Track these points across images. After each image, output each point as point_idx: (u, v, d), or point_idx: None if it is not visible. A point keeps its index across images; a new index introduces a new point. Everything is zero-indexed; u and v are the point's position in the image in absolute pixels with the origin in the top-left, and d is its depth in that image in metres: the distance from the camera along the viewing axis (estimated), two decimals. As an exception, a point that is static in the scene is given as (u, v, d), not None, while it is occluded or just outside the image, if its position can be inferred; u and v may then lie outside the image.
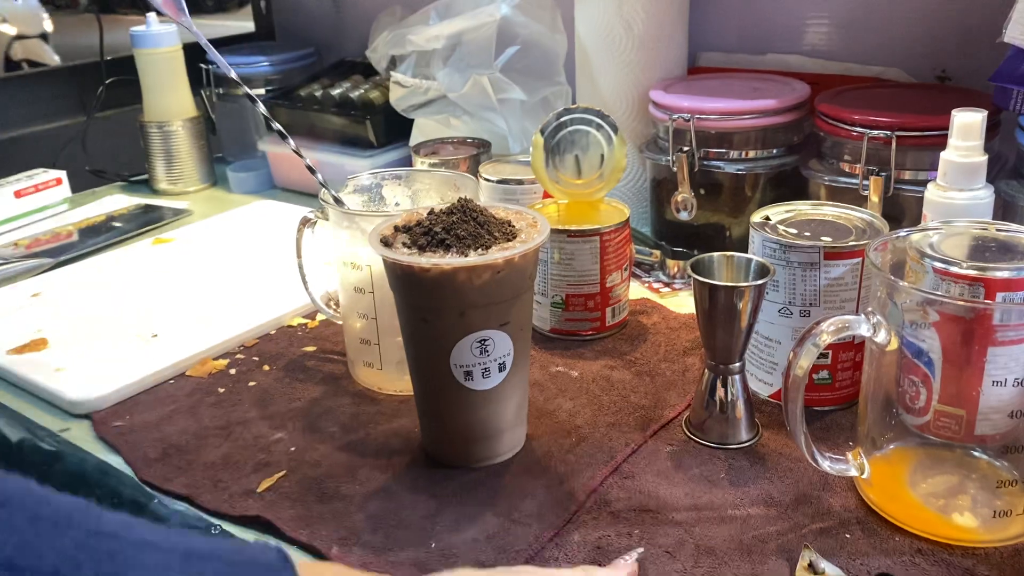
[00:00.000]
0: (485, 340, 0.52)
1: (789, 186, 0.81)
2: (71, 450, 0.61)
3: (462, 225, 0.52)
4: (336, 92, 1.09)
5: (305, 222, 0.68)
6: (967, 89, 0.79)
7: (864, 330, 0.47)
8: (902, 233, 0.52)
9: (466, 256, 0.50)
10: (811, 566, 0.46)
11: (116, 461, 0.59)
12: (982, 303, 0.48)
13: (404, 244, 0.52)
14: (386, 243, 0.53)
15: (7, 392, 0.68)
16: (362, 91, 1.08)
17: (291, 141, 0.64)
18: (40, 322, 0.77)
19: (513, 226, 0.54)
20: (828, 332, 0.47)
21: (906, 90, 0.81)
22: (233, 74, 0.66)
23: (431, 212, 0.54)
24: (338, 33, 1.30)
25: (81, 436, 0.62)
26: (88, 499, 0.36)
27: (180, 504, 0.54)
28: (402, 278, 0.52)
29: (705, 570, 0.46)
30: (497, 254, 0.50)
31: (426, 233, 0.52)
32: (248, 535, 0.51)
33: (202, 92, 1.21)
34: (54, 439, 0.62)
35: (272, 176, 1.15)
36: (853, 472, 0.50)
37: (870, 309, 0.48)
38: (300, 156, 0.65)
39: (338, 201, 0.63)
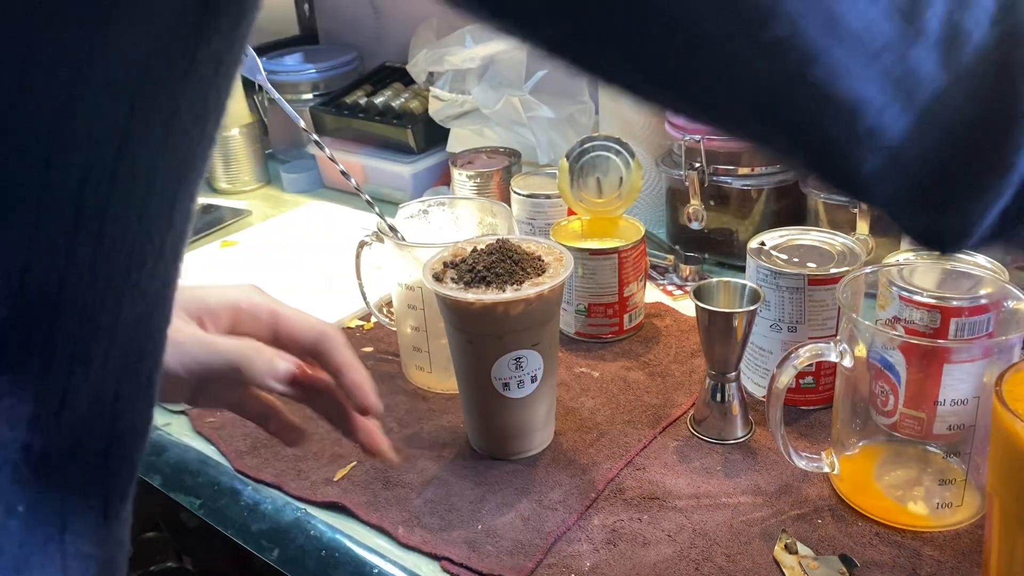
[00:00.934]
0: (520, 357, 0.63)
1: (791, 197, 0.90)
2: (173, 442, 0.73)
3: (500, 264, 0.62)
4: (379, 100, 1.19)
5: (362, 245, 0.79)
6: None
7: (833, 356, 0.57)
8: (868, 270, 0.62)
9: (504, 291, 0.61)
10: (787, 547, 0.57)
11: (212, 452, 0.71)
12: (916, 339, 0.58)
13: (452, 279, 0.63)
14: (437, 278, 0.63)
15: (113, 390, 0.80)
16: (403, 100, 1.18)
17: (353, 180, 0.74)
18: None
19: (543, 261, 0.64)
20: (804, 356, 0.57)
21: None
22: (291, 112, 0.75)
23: (474, 250, 0.64)
24: (378, 37, 1.39)
25: (180, 430, 0.74)
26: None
27: (270, 491, 0.66)
28: (451, 308, 0.63)
29: (699, 551, 0.57)
30: (530, 290, 0.61)
31: (470, 271, 0.62)
32: (329, 518, 0.63)
33: (255, 97, 1.32)
34: (158, 432, 0.74)
35: (321, 176, 1.26)
36: (825, 469, 0.61)
37: (838, 337, 0.58)
38: (358, 190, 0.76)
39: (394, 230, 0.74)
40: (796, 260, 0.68)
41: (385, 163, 1.15)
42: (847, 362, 0.58)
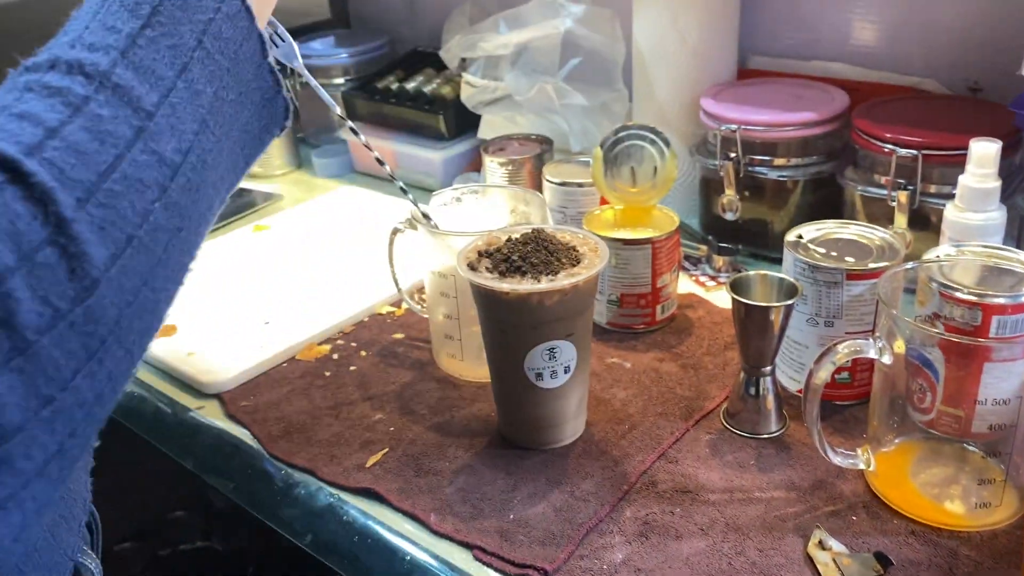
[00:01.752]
0: (554, 348, 0.63)
1: (828, 189, 0.89)
2: (206, 426, 0.74)
3: (535, 254, 0.62)
4: (411, 86, 1.19)
5: (395, 232, 0.79)
6: (995, 104, 0.85)
7: (872, 353, 0.57)
8: (910, 266, 0.61)
9: (539, 282, 0.60)
10: (820, 543, 0.56)
11: (244, 435, 0.72)
12: (956, 336, 0.57)
13: (487, 268, 0.63)
14: (472, 267, 0.63)
15: (148, 373, 0.81)
16: (435, 86, 1.17)
17: (387, 167, 0.74)
18: (167, 308, 0.90)
19: (578, 251, 0.64)
20: (843, 353, 0.57)
21: (938, 103, 0.87)
22: (328, 100, 0.75)
23: (509, 240, 0.64)
24: (410, 22, 1.39)
25: (214, 413, 0.75)
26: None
27: (303, 475, 0.67)
28: (486, 297, 0.62)
29: (731, 545, 0.57)
30: (565, 281, 0.60)
31: (505, 260, 0.62)
32: (362, 504, 0.63)
33: (286, 81, 1.32)
34: (191, 415, 0.75)
35: (353, 161, 1.26)
36: (861, 465, 0.60)
37: (877, 335, 0.57)
38: (392, 177, 0.76)
39: (427, 217, 0.74)
40: (834, 254, 0.67)
41: (416, 149, 1.15)
42: (886, 359, 0.57)
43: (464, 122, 1.14)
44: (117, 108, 0.36)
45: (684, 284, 0.89)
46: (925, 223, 0.81)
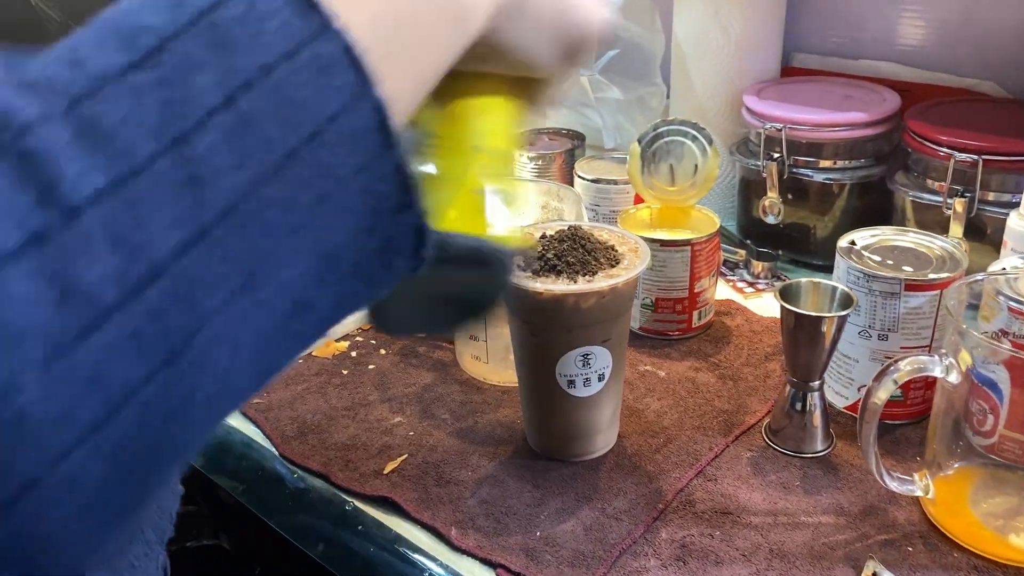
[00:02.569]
0: (588, 354, 0.59)
1: (876, 194, 0.85)
2: (217, 422, 0.70)
3: (572, 252, 0.58)
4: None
5: (422, 225, 0.75)
6: (1059, 109, 0.80)
7: (938, 371, 0.52)
8: (979, 277, 0.56)
9: (575, 282, 0.56)
10: None
11: (256, 434, 0.68)
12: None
13: (519, 267, 0.58)
14: (504, 265, 0.59)
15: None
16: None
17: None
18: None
19: (617, 251, 0.60)
20: (905, 371, 0.52)
21: (997, 106, 0.83)
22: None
23: (543, 237, 0.60)
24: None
25: (225, 410, 0.71)
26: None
27: (316, 480, 0.63)
28: (517, 298, 0.58)
29: (776, 573, 0.52)
30: (603, 282, 0.56)
31: (539, 258, 0.58)
32: (377, 513, 0.59)
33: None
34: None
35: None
36: (919, 492, 0.56)
37: (944, 351, 0.53)
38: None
39: (455, 212, 0.69)
40: (890, 262, 0.63)
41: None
42: (952, 378, 0.53)
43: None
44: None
45: (721, 289, 0.85)
46: (980, 233, 0.76)
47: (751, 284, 0.86)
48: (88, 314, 0.20)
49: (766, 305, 0.82)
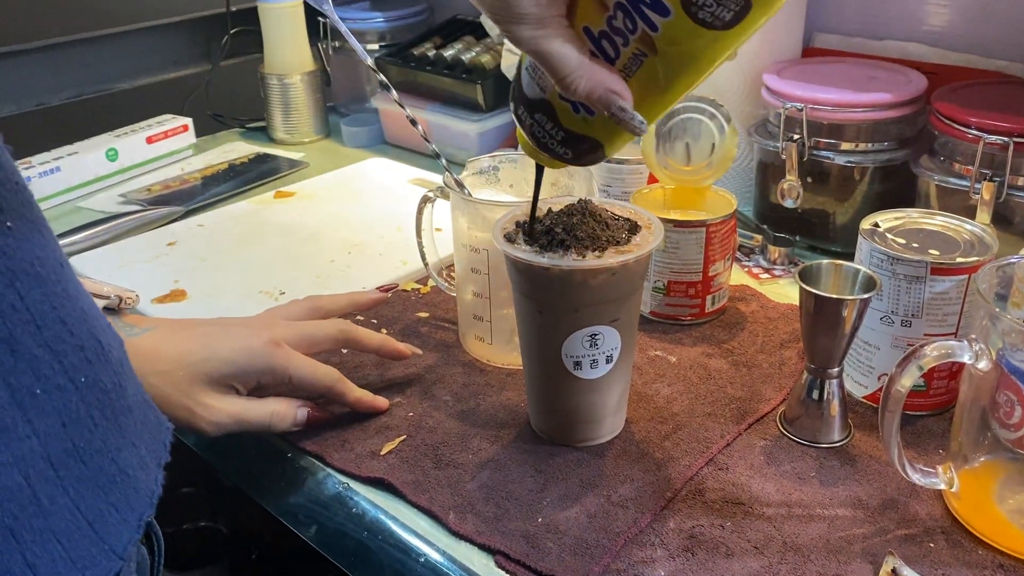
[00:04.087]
0: (596, 334, 0.56)
1: (899, 178, 0.82)
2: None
3: (581, 227, 0.55)
4: (448, 54, 1.12)
5: (425, 201, 0.72)
6: (1094, 92, 0.77)
7: (967, 357, 0.49)
8: (1013, 259, 0.53)
9: (584, 258, 0.54)
10: (894, 572, 0.49)
11: (251, 413, 0.66)
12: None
13: (525, 241, 0.56)
14: (509, 239, 0.56)
15: (152, 339, 0.75)
16: (473, 54, 1.10)
17: (420, 127, 0.67)
18: (177, 272, 0.84)
19: (628, 228, 0.57)
20: (932, 356, 0.49)
21: (1029, 89, 0.79)
22: (356, 44, 0.68)
23: (552, 211, 0.57)
24: (450, -12, 1.32)
25: (219, 387, 0.69)
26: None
27: (311, 460, 0.60)
28: (522, 274, 0.56)
29: (790, 567, 0.50)
30: (613, 258, 0.53)
31: (547, 232, 0.55)
32: (373, 495, 0.57)
33: (319, 44, 1.26)
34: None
35: (383, 131, 1.20)
36: (942, 486, 0.53)
37: (973, 336, 0.50)
38: (425, 139, 0.69)
39: (461, 186, 0.67)
40: (916, 245, 0.60)
41: (451, 120, 1.09)
42: (983, 364, 0.50)
43: (503, 94, 1.07)
44: None
45: (736, 275, 0.82)
46: (1007, 221, 0.73)
47: (767, 270, 0.83)
48: None
49: (783, 291, 0.79)
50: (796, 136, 0.81)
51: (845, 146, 0.81)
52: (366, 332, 0.65)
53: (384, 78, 0.66)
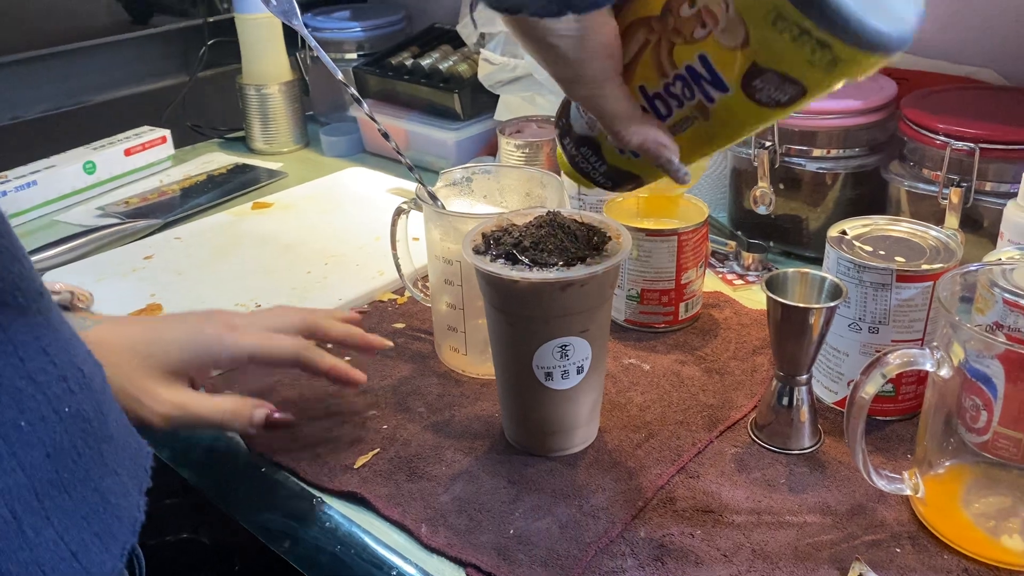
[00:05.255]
0: (566, 345, 0.56)
1: (871, 184, 0.82)
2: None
3: (550, 239, 0.56)
4: (426, 63, 1.12)
5: (399, 213, 0.72)
6: (1059, 97, 0.78)
7: (929, 365, 0.50)
8: (974, 267, 0.54)
9: (553, 270, 0.54)
10: (860, 578, 0.50)
11: (226, 427, 0.66)
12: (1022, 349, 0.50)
13: (495, 254, 0.56)
14: (478, 252, 0.57)
15: (128, 354, 0.75)
16: (451, 63, 1.11)
17: (393, 141, 0.68)
18: (154, 286, 0.84)
19: (597, 238, 0.57)
20: (895, 364, 0.50)
21: (996, 94, 0.80)
22: (327, 60, 0.68)
23: (521, 223, 0.58)
24: (428, -3, 1.32)
25: (195, 401, 0.69)
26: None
27: (284, 474, 0.60)
28: (492, 286, 0.56)
29: (758, 574, 0.50)
30: (581, 270, 0.54)
31: (516, 245, 0.56)
32: (346, 509, 0.57)
33: (297, 54, 1.26)
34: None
35: (363, 141, 1.20)
36: (908, 491, 0.53)
37: (935, 344, 0.51)
38: (398, 152, 0.69)
39: (433, 198, 0.67)
40: (882, 252, 0.61)
41: (429, 129, 1.09)
42: (944, 372, 0.50)
43: (480, 102, 1.08)
44: None
45: (710, 281, 0.83)
46: (977, 224, 0.74)
47: (741, 276, 0.84)
48: None
49: (756, 297, 0.80)
50: (768, 143, 0.82)
51: (816, 152, 0.82)
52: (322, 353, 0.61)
53: (355, 92, 0.67)
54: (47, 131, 1.19)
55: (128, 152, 1.12)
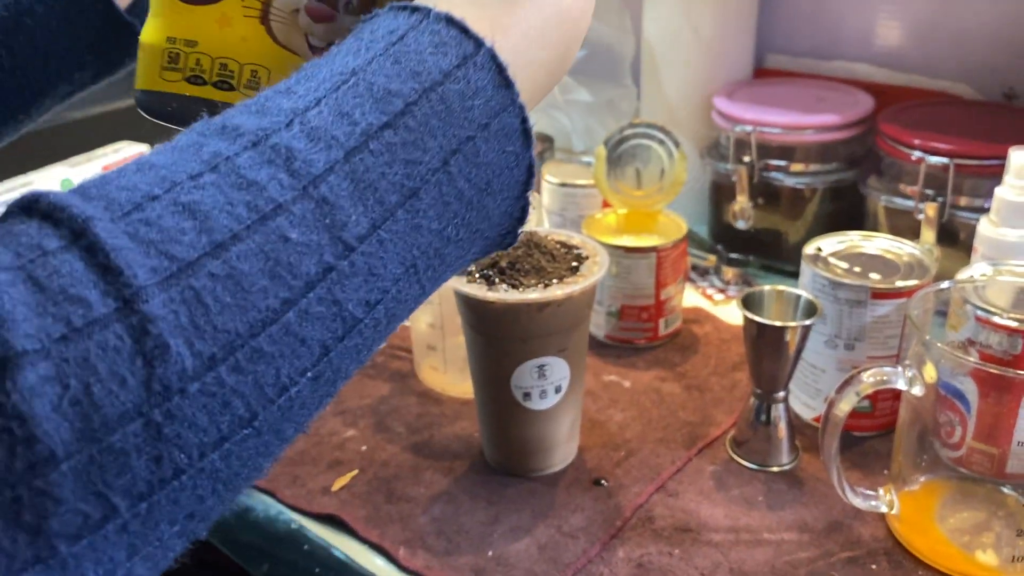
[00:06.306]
0: (544, 365, 0.56)
1: (849, 198, 0.83)
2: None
3: (526, 259, 0.56)
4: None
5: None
6: (1033, 111, 0.79)
7: (901, 384, 0.50)
8: (945, 285, 0.54)
9: (529, 291, 0.54)
10: (837, 596, 0.50)
11: (205, 448, 0.66)
12: (1012, 372, 0.50)
13: (471, 274, 0.56)
14: (455, 272, 0.57)
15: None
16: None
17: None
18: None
19: (573, 258, 0.58)
20: (868, 382, 0.50)
21: (971, 109, 0.81)
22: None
23: (498, 243, 0.58)
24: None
25: (173, 422, 0.69)
26: None
27: (262, 496, 0.60)
28: (469, 307, 0.56)
29: (737, 595, 0.50)
30: (558, 290, 0.54)
31: (492, 265, 0.56)
32: (323, 532, 0.57)
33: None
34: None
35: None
36: (883, 508, 0.54)
37: (908, 362, 0.51)
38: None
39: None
40: (857, 269, 0.61)
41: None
42: (916, 390, 0.51)
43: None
44: (312, 232, 0.26)
45: (690, 297, 0.83)
46: (953, 239, 0.75)
47: (721, 291, 0.84)
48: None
49: (736, 313, 0.80)
50: (746, 158, 0.82)
51: (795, 167, 0.82)
52: None
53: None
54: (22, 148, 1.18)
55: (107, 168, 1.11)
